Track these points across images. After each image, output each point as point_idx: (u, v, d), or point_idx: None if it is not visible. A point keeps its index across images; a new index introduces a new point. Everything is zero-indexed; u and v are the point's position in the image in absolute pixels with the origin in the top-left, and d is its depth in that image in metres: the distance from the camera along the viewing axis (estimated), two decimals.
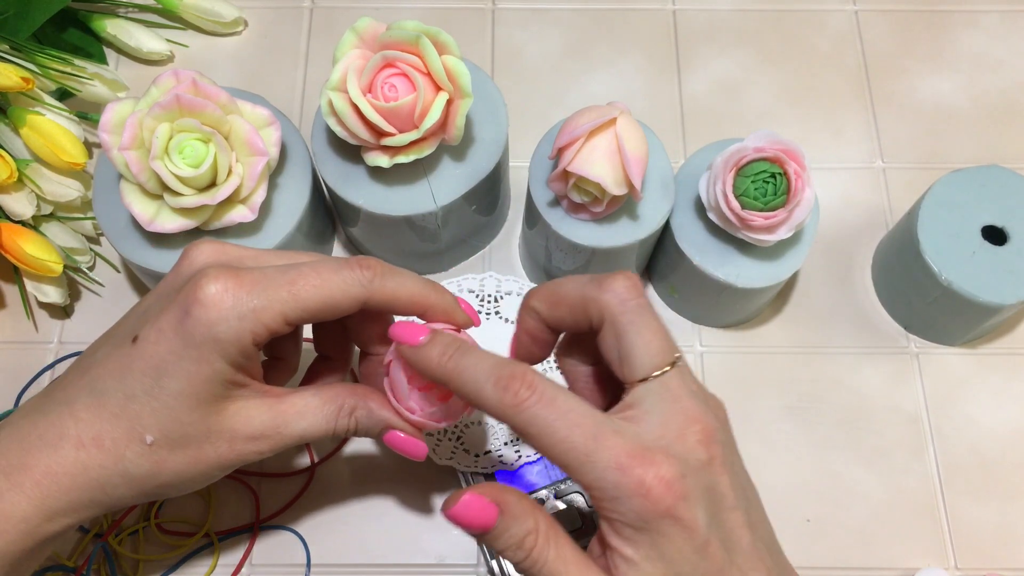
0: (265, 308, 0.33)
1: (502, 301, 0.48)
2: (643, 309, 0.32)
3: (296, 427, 0.36)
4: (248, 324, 0.33)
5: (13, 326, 0.52)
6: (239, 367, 0.34)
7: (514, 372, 0.31)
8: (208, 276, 0.33)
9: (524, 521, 0.31)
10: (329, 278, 0.34)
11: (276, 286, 0.34)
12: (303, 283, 0.34)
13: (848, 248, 0.55)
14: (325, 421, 0.36)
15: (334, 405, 0.37)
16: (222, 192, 0.42)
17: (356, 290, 0.35)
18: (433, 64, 0.41)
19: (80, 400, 0.34)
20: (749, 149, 0.42)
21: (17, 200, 0.49)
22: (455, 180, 0.46)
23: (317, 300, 0.34)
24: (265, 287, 0.34)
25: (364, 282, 0.35)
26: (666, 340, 0.32)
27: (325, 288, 0.34)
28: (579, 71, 0.60)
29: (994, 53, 0.61)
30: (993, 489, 0.49)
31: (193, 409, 0.34)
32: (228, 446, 0.35)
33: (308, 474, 0.48)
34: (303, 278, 0.34)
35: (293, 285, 0.34)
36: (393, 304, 0.36)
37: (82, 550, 0.46)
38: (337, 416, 0.37)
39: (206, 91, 0.42)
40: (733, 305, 0.49)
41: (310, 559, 0.47)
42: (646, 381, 0.31)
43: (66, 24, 0.58)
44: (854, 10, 0.62)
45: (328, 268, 0.35)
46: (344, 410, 0.37)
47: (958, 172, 0.49)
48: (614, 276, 0.32)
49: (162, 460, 0.34)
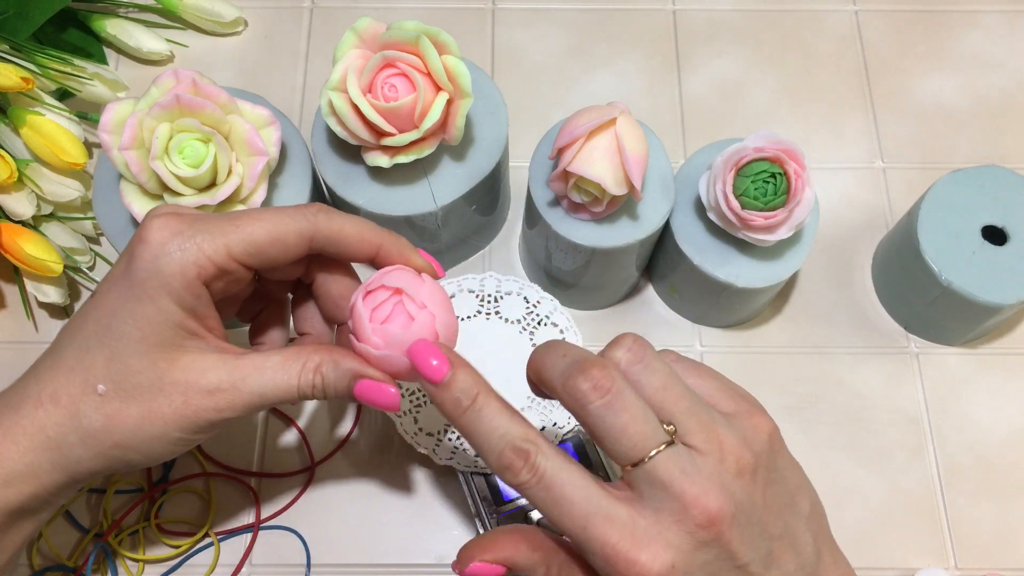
0: (208, 241, 0.33)
1: (502, 301, 0.48)
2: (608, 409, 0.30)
3: (254, 383, 0.34)
4: (191, 256, 0.33)
5: (13, 326, 0.52)
6: (189, 310, 0.33)
7: (519, 451, 0.30)
8: (153, 218, 0.33)
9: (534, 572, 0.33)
10: (274, 214, 0.34)
11: (220, 222, 0.34)
12: (247, 218, 0.34)
13: (848, 248, 0.55)
14: (287, 377, 0.34)
15: (297, 361, 0.35)
16: (222, 192, 0.42)
17: (301, 224, 0.34)
18: (433, 64, 0.41)
19: (44, 363, 0.35)
20: (749, 149, 0.42)
21: (17, 200, 0.49)
22: (455, 180, 0.46)
23: (262, 233, 0.34)
24: (208, 223, 0.34)
25: (309, 216, 0.35)
26: (641, 431, 0.30)
27: (269, 223, 0.34)
28: (579, 71, 0.60)
29: (994, 53, 0.61)
30: (993, 489, 0.49)
31: (143, 355, 0.33)
32: (183, 399, 0.33)
33: (308, 474, 0.48)
34: (247, 216, 0.34)
35: (237, 220, 0.34)
36: (342, 241, 0.35)
37: (82, 550, 0.46)
38: (300, 372, 0.34)
39: (206, 91, 0.42)
40: (733, 305, 0.49)
41: (310, 559, 0.47)
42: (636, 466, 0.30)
43: (66, 24, 0.58)
44: (854, 10, 0.62)
45: (273, 209, 0.35)
46: (308, 365, 0.35)
47: (958, 172, 0.49)
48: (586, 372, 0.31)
49: (115, 412, 0.33)
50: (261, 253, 0.34)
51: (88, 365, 0.33)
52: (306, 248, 0.35)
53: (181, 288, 0.33)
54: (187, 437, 0.34)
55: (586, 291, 0.51)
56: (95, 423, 0.33)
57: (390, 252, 0.36)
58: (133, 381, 0.33)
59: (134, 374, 0.33)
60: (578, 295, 0.52)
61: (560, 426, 0.46)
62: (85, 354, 0.33)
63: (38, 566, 0.45)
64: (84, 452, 0.34)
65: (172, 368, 0.33)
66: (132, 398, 0.33)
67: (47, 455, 0.33)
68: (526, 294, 0.48)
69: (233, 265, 0.34)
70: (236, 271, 0.34)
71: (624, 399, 0.30)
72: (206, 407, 0.34)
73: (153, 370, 0.33)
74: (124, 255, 0.34)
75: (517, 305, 0.48)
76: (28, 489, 0.34)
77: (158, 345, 0.33)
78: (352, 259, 0.37)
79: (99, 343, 0.33)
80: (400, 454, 0.49)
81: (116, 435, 0.33)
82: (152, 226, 0.33)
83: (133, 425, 0.33)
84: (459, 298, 0.48)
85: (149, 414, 0.33)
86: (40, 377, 0.34)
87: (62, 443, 0.33)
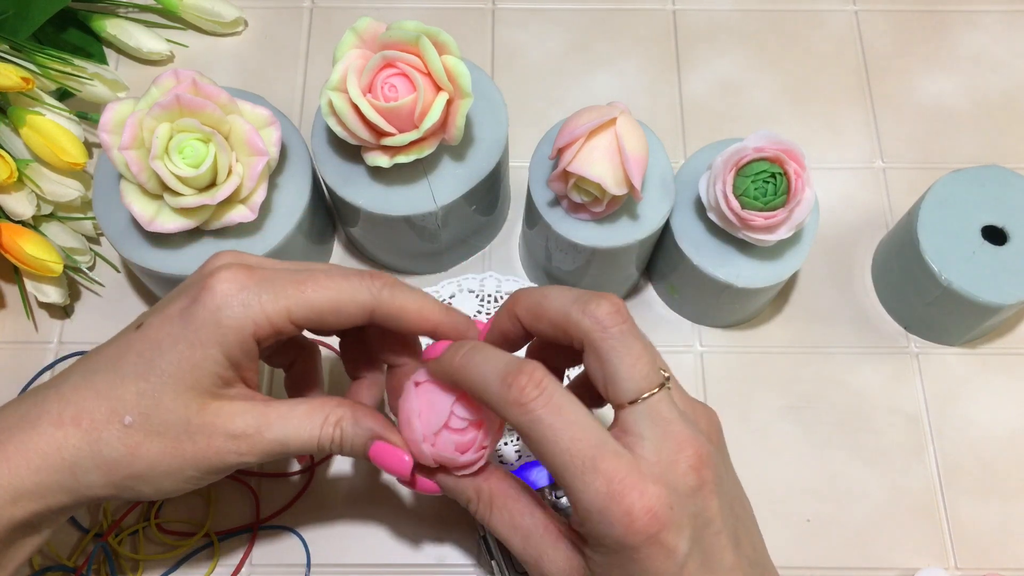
0: (271, 302, 0.33)
1: (502, 301, 0.48)
2: (625, 335, 0.31)
3: (279, 431, 0.35)
4: (252, 314, 0.33)
5: (13, 326, 0.52)
6: (234, 363, 0.34)
7: (523, 369, 0.30)
8: (222, 269, 0.34)
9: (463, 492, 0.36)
10: (339, 282, 0.35)
11: (285, 283, 0.34)
12: (312, 284, 0.34)
13: (848, 248, 0.55)
14: (310, 428, 0.35)
15: (321, 413, 0.35)
16: (222, 192, 0.42)
17: (364, 296, 0.35)
18: (433, 64, 0.41)
19: (69, 381, 0.34)
20: (749, 149, 0.42)
21: (17, 200, 0.49)
22: (455, 180, 0.46)
23: (324, 301, 0.34)
24: (274, 283, 0.34)
25: (374, 291, 0.35)
26: (651, 364, 0.31)
27: (333, 291, 0.34)
28: (579, 71, 0.60)
29: (994, 53, 0.61)
30: (993, 489, 0.49)
31: (178, 395, 0.33)
32: (207, 441, 0.34)
33: (308, 474, 0.48)
34: (313, 279, 0.34)
35: (302, 284, 0.34)
36: (401, 316, 0.35)
37: (82, 550, 0.46)
38: (323, 425, 0.35)
39: (206, 91, 0.42)
40: (733, 305, 0.49)
41: (310, 559, 0.47)
42: (634, 404, 0.31)
43: (66, 24, 0.58)
44: (854, 10, 0.62)
45: (339, 273, 0.35)
46: (331, 419, 0.35)
47: (958, 172, 0.49)
48: (598, 300, 0.32)
49: (137, 445, 0.33)
50: (320, 319, 0.34)
51: (119, 395, 0.33)
52: (365, 320, 0.35)
53: (235, 343, 0.33)
54: (201, 476, 0.35)
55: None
56: (115, 452, 0.33)
57: (446, 329, 0.36)
58: (161, 418, 0.33)
59: (164, 412, 0.33)
60: None
61: None
62: (119, 383, 0.33)
63: (38, 566, 0.45)
64: (97, 479, 0.34)
65: (201, 411, 0.34)
66: (157, 434, 0.33)
67: (58, 476, 0.33)
68: None
69: (290, 327, 0.34)
70: (291, 332, 0.35)
71: (637, 330, 0.32)
72: (228, 450, 0.34)
73: (183, 411, 0.34)
74: (183, 296, 0.34)
75: None
76: (34, 507, 0.33)
77: (194, 389, 0.34)
78: (408, 332, 0.37)
79: (136, 375, 0.33)
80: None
81: (134, 467, 0.34)
82: (221, 276, 0.33)
83: (152, 460, 0.34)
84: (459, 298, 0.48)
85: (170, 452, 0.34)
86: (64, 396, 0.34)
87: (76, 467, 0.33)
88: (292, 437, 0.35)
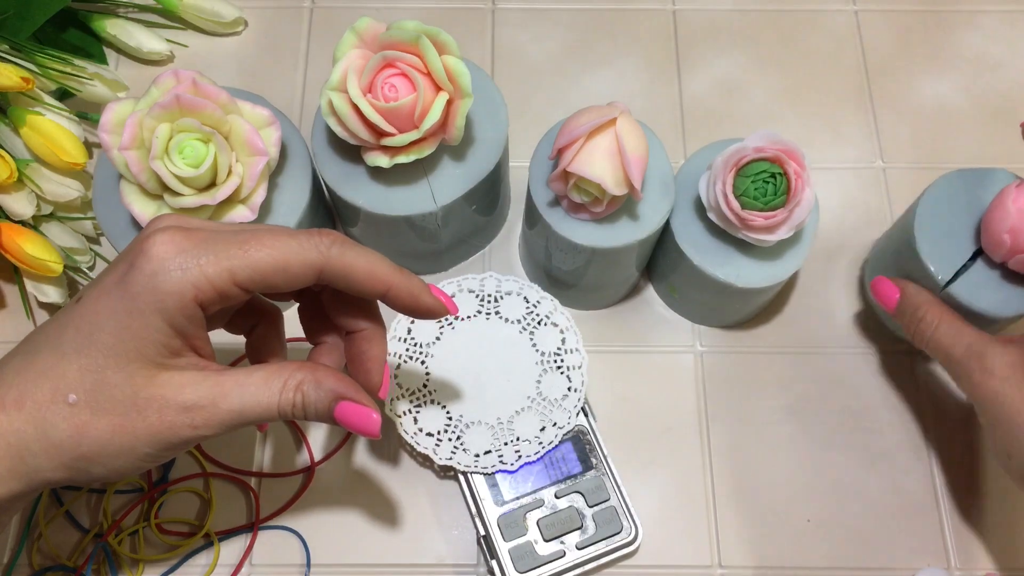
0: (212, 263, 0.32)
1: (502, 301, 0.48)
2: None
3: (235, 399, 0.33)
4: (191, 277, 0.31)
5: (13, 326, 0.52)
6: (179, 330, 0.32)
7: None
8: (158, 232, 0.32)
9: None
10: (284, 240, 0.33)
11: (227, 243, 0.32)
12: (256, 243, 0.32)
13: (848, 248, 0.55)
14: (268, 394, 0.33)
15: (279, 378, 0.34)
16: (222, 192, 0.42)
17: (312, 255, 0.33)
18: (433, 64, 0.41)
19: (11, 364, 0.33)
20: (749, 149, 0.42)
21: (17, 200, 0.49)
22: (455, 180, 0.46)
23: (269, 260, 0.32)
24: (215, 243, 0.32)
25: (322, 248, 0.33)
26: None
27: (278, 250, 0.33)
28: (579, 71, 0.60)
29: (994, 53, 0.61)
30: (993, 489, 0.49)
31: (121, 368, 0.32)
32: (158, 416, 0.32)
33: (308, 474, 0.48)
34: (256, 239, 0.33)
35: (245, 244, 0.32)
36: (351, 276, 0.34)
37: (82, 550, 0.46)
38: (282, 390, 0.33)
39: (206, 91, 0.42)
40: (733, 305, 0.49)
41: (310, 559, 0.47)
42: None
43: (66, 24, 0.58)
44: (854, 10, 0.62)
45: (285, 232, 0.33)
46: (290, 383, 0.34)
47: (954, 173, 0.49)
48: None
49: (84, 424, 0.32)
50: (265, 280, 0.33)
51: (61, 372, 0.32)
52: (313, 279, 0.34)
53: (175, 308, 0.32)
54: (156, 453, 0.33)
55: (586, 291, 0.51)
56: (62, 433, 0.32)
57: (400, 293, 0.35)
58: (107, 394, 0.32)
59: (109, 387, 0.32)
60: (578, 295, 0.52)
61: (560, 426, 0.46)
62: (59, 360, 0.32)
63: (38, 566, 0.45)
64: (46, 462, 0.32)
65: (149, 384, 0.32)
66: (104, 411, 0.32)
67: (8, 463, 0.32)
68: (526, 294, 0.48)
69: (234, 290, 0.32)
70: (236, 295, 0.33)
71: None
72: (181, 423, 0.32)
73: (129, 385, 0.32)
74: (120, 264, 0.33)
75: (517, 305, 0.48)
76: None
77: (138, 361, 0.32)
78: (360, 295, 0.35)
79: (76, 351, 0.32)
80: (400, 454, 0.49)
81: (83, 447, 0.32)
82: (156, 240, 0.32)
83: (102, 438, 0.32)
84: (459, 298, 0.48)
85: (120, 428, 0.32)
86: (5, 379, 0.32)
87: (24, 451, 0.32)
88: (249, 405, 0.33)
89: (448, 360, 0.47)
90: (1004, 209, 0.42)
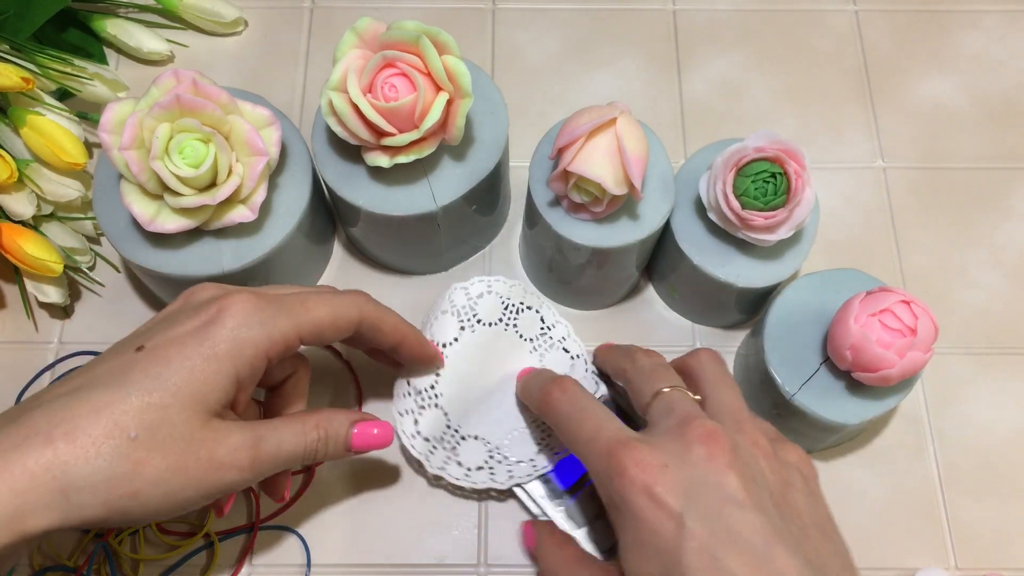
0: (284, 320, 0.37)
1: (522, 314, 0.48)
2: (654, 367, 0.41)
3: (271, 440, 0.37)
4: (268, 331, 0.36)
5: (13, 326, 0.52)
6: (240, 382, 0.36)
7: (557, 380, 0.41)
8: (238, 292, 0.37)
9: None
10: (333, 299, 0.39)
11: (292, 304, 0.38)
12: (313, 302, 0.38)
13: (848, 248, 0.55)
14: (296, 435, 0.38)
15: (303, 423, 0.39)
16: (222, 192, 0.42)
17: (354, 310, 0.39)
18: (433, 64, 0.41)
19: (57, 400, 0.33)
20: (749, 149, 0.42)
21: (17, 200, 0.49)
22: (455, 180, 0.46)
23: (326, 317, 0.38)
24: (283, 304, 0.37)
25: (360, 304, 0.40)
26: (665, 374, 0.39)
27: (330, 307, 0.39)
28: (579, 71, 0.60)
29: (994, 53, 0.61)
30: (993, 489, 0.49)
31: (184, 410, 0.34)
32: (208, 456, 0.34)
33: (308, 474, 0.48)
34: (312, 298, 0.39)
35: (305, 303, 0.38)
36: (380, 327, 0.41)
37: (82, 550, 0.46)
38: (306, 430, 0.38)
39: (206, 91, 0.42)
40: (733, 305, 0.49)
41: (310, 559, 0.47)
42: (654, 399, 0.38)
43: (66, 24, 0.58)
44: (854, 10, 0.62)
45: (331, 292, 0.40)
46: (309, 422, 0.39)
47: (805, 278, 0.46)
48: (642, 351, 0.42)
49: (141, 460, 0.33)
50: (321, 334, 0.38)
51: (124, 408, 0.33)
52: (353, 332, 0.40)
53: (248, 359, 0.36)
54: (198, 499, 0.35)
55: (586, 291, 0.51)
56: (117, 467, 0.32)
57: (410, 342, 0.43)
58: (166, 432, 0.33)
59: (170, 426, 0.33)
60: (578, 295, 0.52)
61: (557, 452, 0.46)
62: (122, 398, 0.33)
63: (38, 566, 0.45)
64: (90, 498, 0.32)
65: (203, 427, 0.35)
66: (161, 449, 0.33)
67: (47, 497, 0.31)
68: (544, 314, 0.48)
69: (297, 343, 0.38)
70: (296, 348, 0.38)
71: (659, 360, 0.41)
72: (229, 464, 0.35)
73: (187, 426, 0.34)
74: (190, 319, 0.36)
75: (533, 323, 0.48)
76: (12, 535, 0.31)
77: (200, 404, 0.34)
78: (380, 346, 0.42)
79: (142, 390, 0.33)
80: (400, 454, 0.49)
81: (136, 484, 0.33)
82: (237, 299, 0.36)
83: (155, 476, 0.33)
84: (486, 299, 0.48)
85: (175, 467, 0.34)
86: (53, 413, 0.32)
87: (68, 486, 0.31)
88: (285, 447, 0.37)
89: (459, 365, 0.47)
90: (846, 326, 0.41)
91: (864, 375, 0.41)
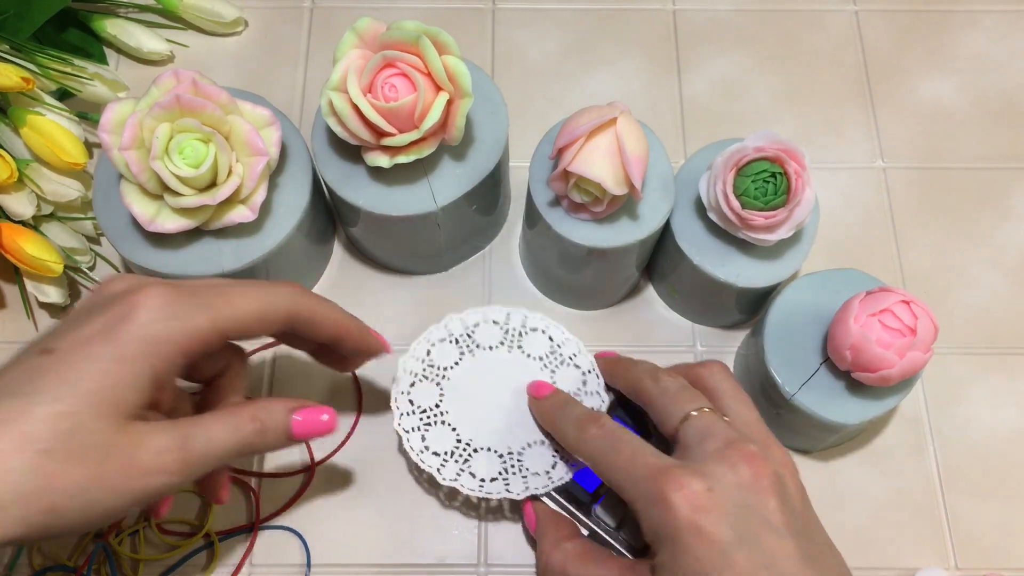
0: (201, 313, 0.34)
1: (526, 337, 0.47)
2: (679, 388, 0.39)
3: (200, 438, 0.34)
4: (184, 326, 0.33)
5: (13, 326, 0.52)
6: (158, 381, 0.33)
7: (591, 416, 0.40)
8: (148, 287, 0.34)
9: None
10: (260, 291, 0.36)
11: (210, 295, 0.35)
12: (235, 294, 0.35)
13: (848, 248, 0.55)
14: (228, 430, 0.35)
15: (235, 416, 0.35)
16: (222, 192, 0.42)
17: (284, 302, 0.36)
18: (433, 64, 0.41)
19: None
20: (749, 149, 0.42)
21: (17, 200, 0.49)
22: (455, 180, 0.46)
23: (250, 310, 0.35)
24: (201, 296, 0.34)
25: (291, 295, 0.37)
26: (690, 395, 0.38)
27: (256, 299, 0.36)
28: (579, 71, 0.60)
29: (994, 53, 0.61)
30: (993, 489, 0.49)
31: (100, 416, 0.31)
32: (130, 462, 0.31)
33: (308, 474, 0.48)
34: (235, 290, 0.35)
35: (227, 295, 0.35)
36: (316, 321, 0.38)
37: (82, 550, 0.46)
38: (240, 423, 0.35)
39: (206, 91, 0.42)
40: (733, 305, 0.49)
41: (310, 559, 0.47)
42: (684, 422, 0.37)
43: (66, 24, 0.58)
44: (854, 10, 0.62)
45: (257, 284, 0.37)
46: (244, 414, 0.35)
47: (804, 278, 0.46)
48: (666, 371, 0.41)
49: (55, 474, 0.30)
50: (246, 328, 0.35)
51: (30, 419, 0.30)
52: (284, 326, 0.37)
53: (166, 355, 0.33)
54: (124, 508, 0.32)
55: (586, 291, 0.51)
56: (29, 484, 0.29)
57: (352, 335, 0.40)
58: (81, 440, 0.31)
59: (85, 434, 0.31)
60: (578, 295, 0.52)
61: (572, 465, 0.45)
62: (29, 408, 0.30)
63: (38, 566, 0.45)
64: (5, 517, 0.29)
65: (122, 432, 0.32)
66: (77, 459, 0.30)
67: None
68: (551, 333, 0.47)
69: (218, 339, 0.34)
70: (218, 344, 0.35)
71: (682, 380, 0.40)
72: (155, 469, 0.32)
73: (104, 433, 0.31)
74: (98, 317, 0.33)
75: (541, 343, 0.47)
76: None
77: (116, 407, 0.31)
78: (319, 339, 0.39)
79: (52, 398, 0.31)
80: (400, 454, 0.49)
81: (53, 497, 0.30)
82: (148, 293, 0.33)
83: (73, 488, 0.30)
84: (483, 328, 0.47)
85: (95, 478, 0.31)
86: None
87: None
88: (216, 442, 0.34)
89: (464, 385, 0.46)
90: (846, 326, 0.41)
91: (864, 375, 0.41)
